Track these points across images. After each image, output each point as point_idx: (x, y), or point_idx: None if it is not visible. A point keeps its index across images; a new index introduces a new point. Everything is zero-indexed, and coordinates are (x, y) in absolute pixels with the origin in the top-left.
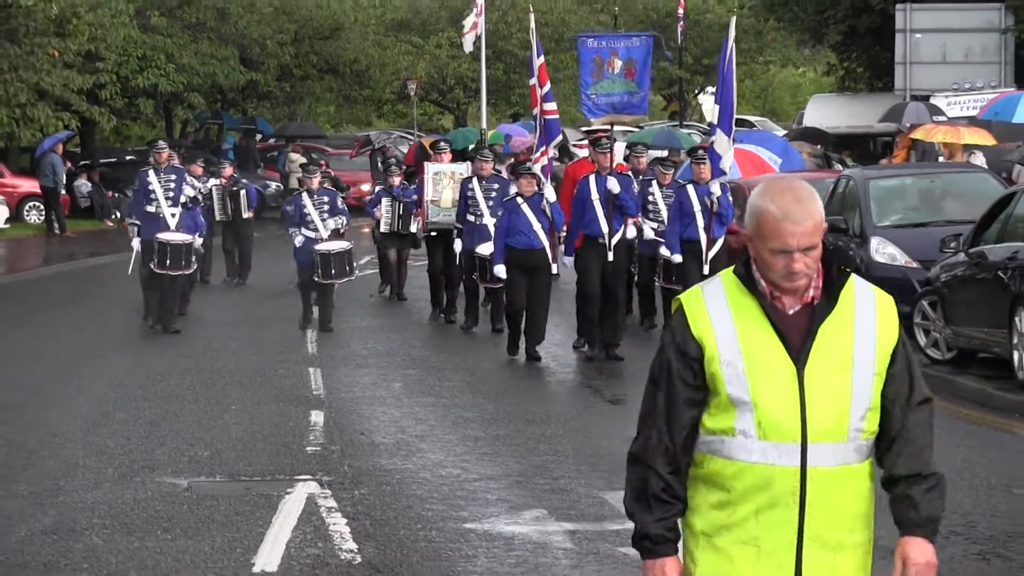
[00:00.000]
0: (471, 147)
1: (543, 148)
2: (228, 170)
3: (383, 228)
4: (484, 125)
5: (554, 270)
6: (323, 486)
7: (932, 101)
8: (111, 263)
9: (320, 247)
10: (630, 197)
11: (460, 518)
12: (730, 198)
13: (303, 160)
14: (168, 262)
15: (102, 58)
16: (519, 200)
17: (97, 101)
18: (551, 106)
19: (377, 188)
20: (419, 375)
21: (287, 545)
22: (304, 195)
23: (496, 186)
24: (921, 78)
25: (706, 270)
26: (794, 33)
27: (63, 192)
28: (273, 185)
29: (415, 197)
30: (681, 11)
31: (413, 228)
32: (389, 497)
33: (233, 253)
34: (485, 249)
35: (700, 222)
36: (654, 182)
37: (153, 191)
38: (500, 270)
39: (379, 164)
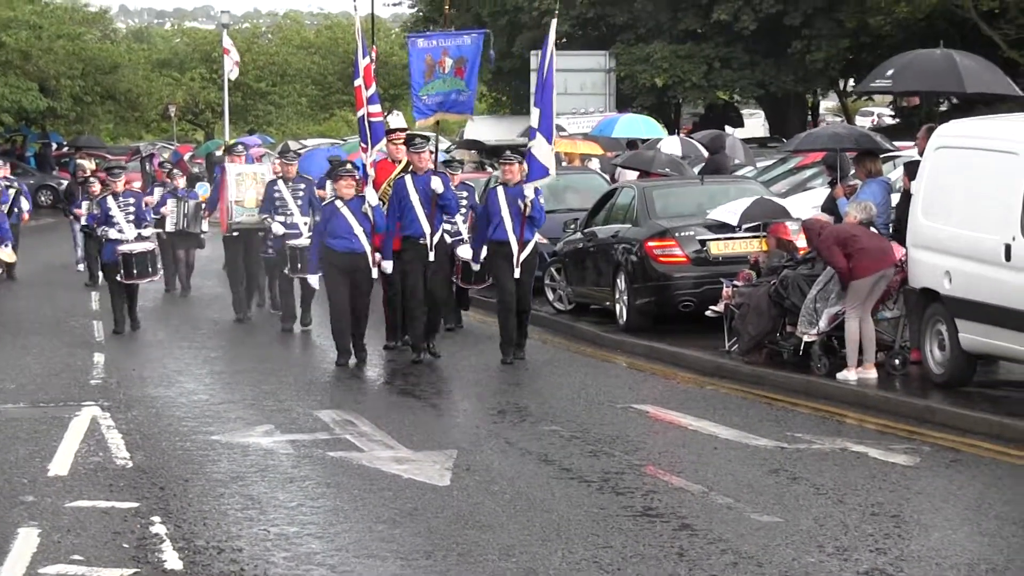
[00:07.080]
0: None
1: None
2: (5, 171)
3: (170, 227)
4: (227, 137)
5: (374, 275)
6: (104, 410)
7: (557, 122)
8: None
9: (123, 248)
10: (452, 197)
11: (208, 432)
12: (542, 201)
13: (90, 165)
14: None
15: None
16: (338, 203)
17: None
18: (376, 108)
19: (160, 190)
20: (178, 325)
21: (75, 455)
22: (109, 197)
23: (303, 186)
24: None
25: (516, 273)
26: None
27: None
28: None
29: (200, 198)
30: (374, 53)
31: (204, 227)
32: (154, 417)
33: None
34: (299, 241)
35: (508, 224)
36: None
37: None
38: (314, 280)
39: (147, 167)
